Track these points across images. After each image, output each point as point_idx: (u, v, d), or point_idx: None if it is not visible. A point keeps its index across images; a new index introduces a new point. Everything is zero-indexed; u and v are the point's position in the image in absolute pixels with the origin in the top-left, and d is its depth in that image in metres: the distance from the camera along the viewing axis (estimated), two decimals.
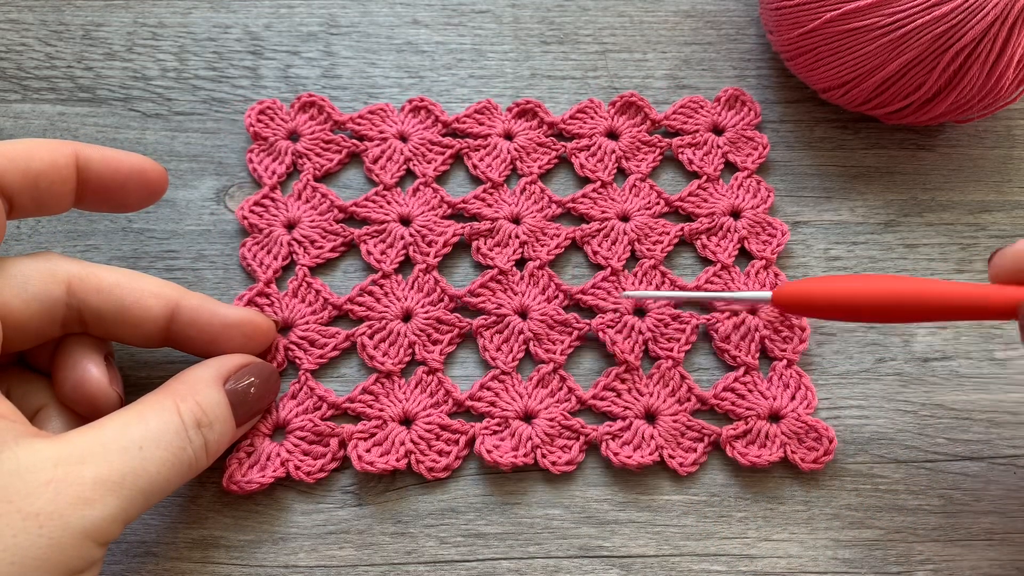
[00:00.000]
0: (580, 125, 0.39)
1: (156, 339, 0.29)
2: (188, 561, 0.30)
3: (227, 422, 0.28)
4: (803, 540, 0.31)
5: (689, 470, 0.32)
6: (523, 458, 0.31)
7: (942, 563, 0.31)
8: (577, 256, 0.36)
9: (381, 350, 0.33)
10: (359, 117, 0.38)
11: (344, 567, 0.30)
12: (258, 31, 0.40)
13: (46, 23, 0.40)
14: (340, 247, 0.36)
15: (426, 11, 0.41)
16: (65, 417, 0.28)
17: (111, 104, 0.38)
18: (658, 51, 0.41)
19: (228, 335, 0.30)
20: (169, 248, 0.36)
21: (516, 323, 0.34)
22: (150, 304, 0.29)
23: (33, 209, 0.28)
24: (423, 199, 0.36)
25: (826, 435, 0.32)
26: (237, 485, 0.30)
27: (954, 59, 0.33)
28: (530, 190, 0.37)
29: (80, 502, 0.23)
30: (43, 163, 0.27)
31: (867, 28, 0.33)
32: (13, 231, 0.35)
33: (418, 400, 0.32)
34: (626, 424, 0.32)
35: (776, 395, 0.33)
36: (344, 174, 0.38)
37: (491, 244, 0.36)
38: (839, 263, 0.36)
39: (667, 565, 0.30)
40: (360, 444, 0.31)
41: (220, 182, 0.37)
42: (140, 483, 0.24)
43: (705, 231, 0.36)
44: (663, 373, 0.33)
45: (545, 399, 0.33)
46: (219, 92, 0.39)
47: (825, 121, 0.40)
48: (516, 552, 0.31)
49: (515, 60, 0.40)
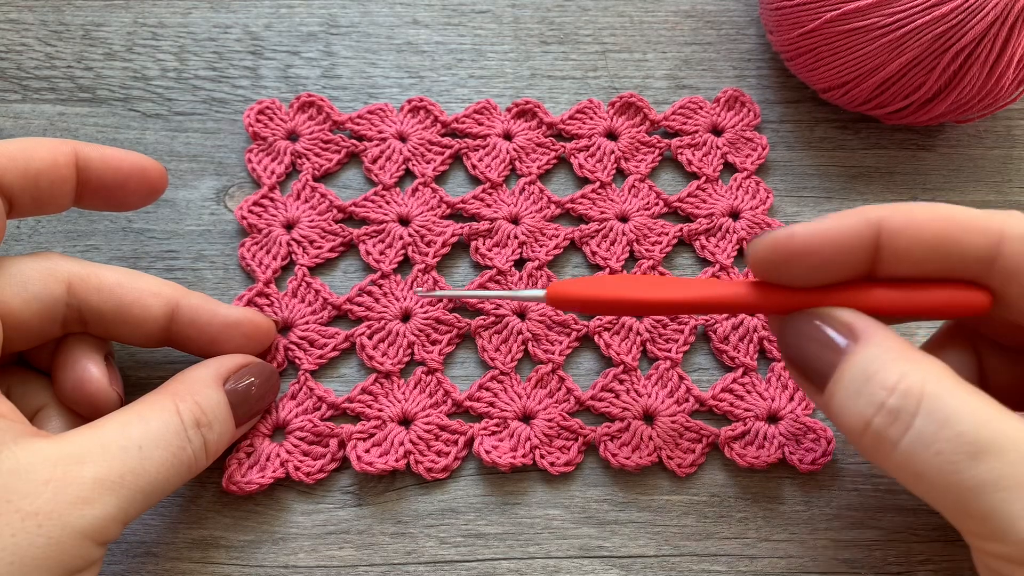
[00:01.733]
0: (579, 125, 0.39)
1: (156, 339, 0.30)
2: (188, 561, 0.30)
3: (227, 422, 0.28)
4: (803, 540, 0.31)
5: (688, 471, 0.32)
6: (522, 458, 0.31)
7: (942, 563, 0.31)
8: (576, 256, 0.36)
9: (380, 350, 0.33)
10: (358, 117, 0.38)
11: (344, 567, 0.30)
12: (258, 31, 0.40)
13: (46, 23, 0.40)
14: (339, 247, 0.36)
15: (426, 11, 0.41)
16: (65, 417, 0.28)
17: (111, 104, 0.38)
18: (658, 51, 0.41)
19: (228, 335, 0.30)
20: (169, 248, 0.36)
21: (515, 323, 0.34)
22: (150, 304, 0.29)
23: (33, 208, 0.28)
24: (422, 199, 0.36)
25: (824, 436, 0.32)
26: (237, 485, 0.30)
27: (954, 59, 0.33)
28: (529, 190, 0.37)
29: (79, 502, 0.23)
30: (43, 162, 0.27)
31: (867, 28, 0.33)
32: (13, 231, 0.35)
33: (417, 400, 0.32)
34: (624, 425, 0.32)
35: (774, 396, 0.33)
36: (343, 174, 0.38)
37: (490, 244, 0.36)
38: None
39: (667, 565, 0.30)
40: (359, 444, 0.31)
41: (220, 182, 0.37)
42: (139, 483, 0.24)
43: (704, 232, 0.36)
44: (661, 374, 0.33)
45: (544, 400, 0.33)
46: (219, 92, 0.39)
47: (825, 121, 0.40)
48: (516, 552, 0.31)
49: (515, 60, 0.40)
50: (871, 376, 0.22)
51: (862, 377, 0.23)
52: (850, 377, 0.23)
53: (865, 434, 0.22)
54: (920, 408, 0.21)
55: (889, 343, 0.23)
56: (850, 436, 0.23)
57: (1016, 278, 0.24)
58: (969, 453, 0.20)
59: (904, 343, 0.23)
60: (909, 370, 0.22)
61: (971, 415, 0.21)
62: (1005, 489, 0.20)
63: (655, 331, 0.34)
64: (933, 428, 0.21)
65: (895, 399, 0.22)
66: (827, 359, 0.24)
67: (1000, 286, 0.24)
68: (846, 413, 0.23)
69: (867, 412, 0.22)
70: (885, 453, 0.22)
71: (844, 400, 0.23)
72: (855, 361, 0.23)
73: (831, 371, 0.23)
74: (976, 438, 0.20)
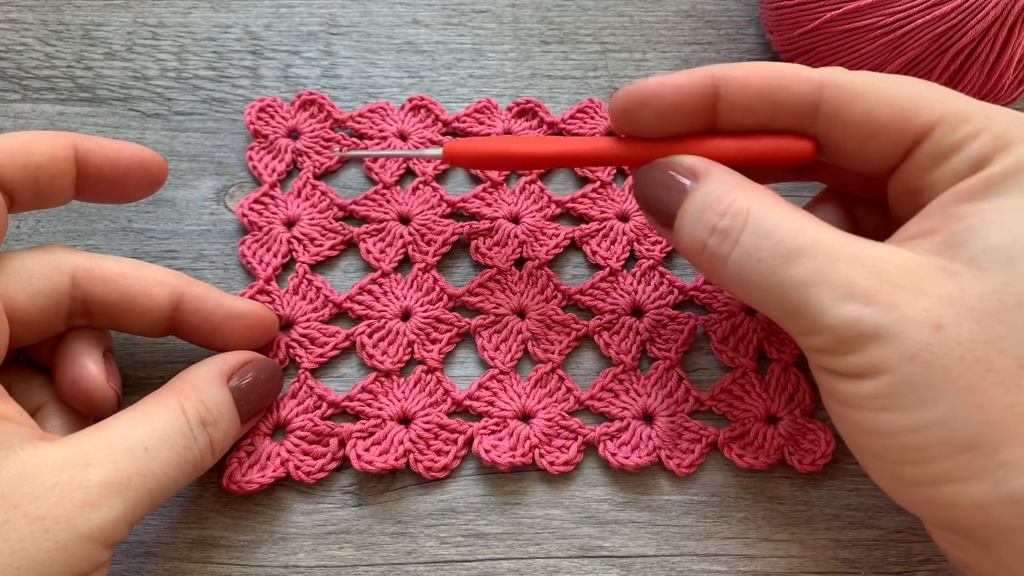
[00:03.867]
0: (580, 125, 0.39)
1: (161, 328, 0.30)
2: (188, 561, 0.30)
3: (232, 420, 0.28)
4: (803, 540, 0.31)
5: (687, 471, 0.32)
6: (521, 458, 0.31)
7: (942, 563, 0.31)
8: (576, 256, 0.36)
9: (380, 349, 0.33)
10: (359, 115, 0.38)
11: (344, 567, 0.30)
12: (258, 31, 0.40)
13: (46, 23, 0.40)
14: (339, 245, 0.36)
15: (426, 11, 0.41)
16: (66, 416, 0.28)
17: (111, 104, 0.38)
18: (658, 51, 0.41)
19: (231, 325, 0.30)
20: (169, 248, 0.36)
21: (515, 323, 0.34)
22: (155, 292, 0.29)
23: (34, 202, 0.28)
24: (422, 198, 0.36)
25: (823, 436, 0.32)
26: (237, 485, 0.30)
27: (954, 59, 0.33)
28: (529, 189, 0.37)
29: (86, 505, 0.23)
30: (43, 156, 0.27)
31: (867, 28, 0.33)
32: (13, 230, 0.35)
33: (417, 399, 0.32)
34: (624, 425, 0.32)
35: (774, 397, 0.33)
36: (344, 172, 0.38)
37: (490, 243, 0.36)
38: None
39: (667, 565, 0.30)
40: (359, 443, 0.31)
41: (220, 182, 0.37)
42: (146, 484, 0.24)
43: None
44: (661, 374, 0.33)
45: (543, 399, 0.33)
46: (219, 92, 0.39)
47: None
48: (516, 552, 0.31)
49: (515, 60, 0.40)
50: (707, 206, 0.25)
51: (700, 208, 0.25)
52: (691, 209, 0.26)
53: (703, 254, 0.25)
54: (746, 226, 0.24)
55: (724, 178, 0.26)
56: (692, 259, 0.26)
57: (835, 122, 0.26)
58: (785, 257, 0.23)
59: (739, 177, 0.26)
60: (738, 196, 0.25)
61: (789, 226, 0.23)
62: (814, 285, 0.22)
63: (655, 331, 0.34)
64: (755, 239, 0.24)
65: (725, 221, 0.24)
66: (673, 198, 0.26)
67: (824, 132, 0.26)
68: (687, 239, 0.26)
69: (703, 235, 0.25)
70: (720, 268, 0.25)
71: (686, 229, 0.26)
72: (695, 196, 0.26)
73: (677, 208, 0.26)
74: (791, 245, 0.23)
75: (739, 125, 0.27)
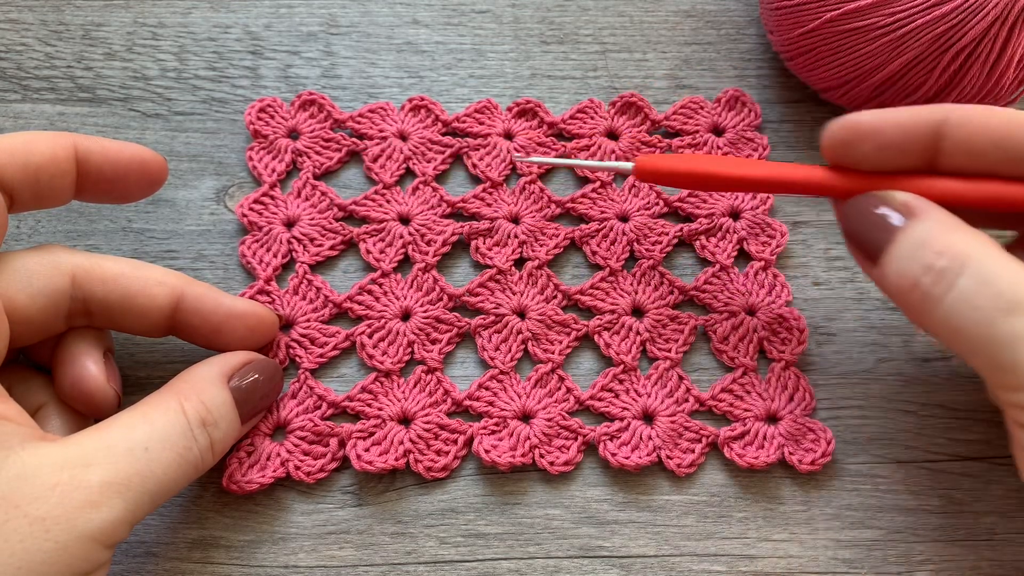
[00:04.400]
0: (580, 125, 0.39)
1: (161, 328, 0.30)
2: (188, 561, 0.30)
3: (232, 420, 0.28)
4: (803, 540, 0.31)
5: (687, 471, 0.32)
6: (521, 458, 0.31)
7: (942, 563, 0.31)
8: (576, 256, 0.36)
9: (380, 349, 0.33)
10: (359, 116, 0.38)
11: (344, 567, 0.30)
12: (258, 31, 0.40)
13: (46, 23, 0.40)
14: (339, 245, 0.36)
15: (426, 11, 0.41)
16: (66, 416, 0.28)
17: (111, 104, 0.38)
18: (658, 51, 0.41)
19: (231, 325, 0.30)
20: (169, 248, 0.36)
21: (515, 323, 0.34)
22: (155, 292, 0.29)
23: (34, 202, 0.28)
24: (422, 198, 0.36)
25: (824, 436, 0.32)
26: (237, 485, 0.30)
27: (954, 59, 0.33)
28: (529, 189, 0.37)
29: (86, 505, 0.23)
30: (43, 156, 0.27)
31: (867, 28, 0.33)
32: (13, 231, 0.35)
33: (417, 399, 0.32)
34: (624, 425, 0.32)
35: (774, 396, 0.33)
36: (344, 173, 0.38)
37: (490, 243, 0.36)
38: (839, 263, 0.36)
39: (667, 565, 0.30)
40: (359, 443, 0.31)
41: (220, 182, 0.37)
42: (147, 484, 0.24)
43: (704, 232, 0.36)
44: (661, 374, 0.33)
45: (543, 399, 0.33)
46: (219, 92, 0.39)
47: (825, 121, 0.40)
48: (516, 552, 0.31)
49: (515, 60, 0.40)
50: (923, 244, 0.25)
51: (916, 244, 0.25)
52: (905, 245, 0.25)
53: (913, 292, 0.25)
54: (964, 269, 0.23)
55: (943, 218, 0.25)
56: (898, 297, 0.26)
57: None
58: (1005, 309, 0.22)
59: (957, 220, 0.25)
60: (958, 238, 0.24)
61: (1010, 276, 0.23)
62: None
63: (655, 331, 0.34)
64: (974, 285, 0.23)
65: (943, 261, 0.24)
66: (884, 234, 0.26)
67: None
68: (896, 276, 0.25)
69: (916, 272, 0.24)
70: (929, 310, 0.24)
71: (896, 265, 0.25)
72: (910, 232, 0.25)
73: (886, 244, 0.26)
74: (1012, 297, 0.22)
75: (960, 168, 0.27)
